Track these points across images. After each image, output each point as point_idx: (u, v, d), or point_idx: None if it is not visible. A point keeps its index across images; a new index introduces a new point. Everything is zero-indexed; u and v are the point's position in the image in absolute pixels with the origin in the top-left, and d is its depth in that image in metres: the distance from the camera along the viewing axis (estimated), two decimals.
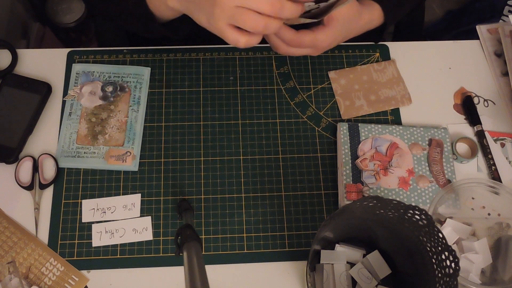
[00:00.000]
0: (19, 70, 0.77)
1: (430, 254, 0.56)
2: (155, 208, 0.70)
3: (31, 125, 0.73)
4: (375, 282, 0.63)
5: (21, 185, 0.70)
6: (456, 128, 0.76)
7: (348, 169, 0.70)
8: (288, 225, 0.70)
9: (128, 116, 0.74)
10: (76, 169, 0.72)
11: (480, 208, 0.70)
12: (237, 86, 0.78)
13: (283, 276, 0.67)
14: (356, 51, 0.81)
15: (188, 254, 0.49)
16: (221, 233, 0.69)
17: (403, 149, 0.72)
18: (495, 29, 0.83)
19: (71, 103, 0.75)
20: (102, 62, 0.78)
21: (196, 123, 0.75)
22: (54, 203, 0.70)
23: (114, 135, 0.73)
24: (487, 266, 0.65)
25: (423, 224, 0.55)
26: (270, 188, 0.72)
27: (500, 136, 0.76)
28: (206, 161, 0.73)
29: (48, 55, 0.78)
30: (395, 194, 0.69)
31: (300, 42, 0.61)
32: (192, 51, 0.80)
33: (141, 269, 0.67)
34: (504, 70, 0.80)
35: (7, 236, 0.67)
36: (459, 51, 0.82)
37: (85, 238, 0.68)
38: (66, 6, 1.30)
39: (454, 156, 0.73)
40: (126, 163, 0.71)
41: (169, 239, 0.68)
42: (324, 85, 0.79)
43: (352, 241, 0.66)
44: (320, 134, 0.75)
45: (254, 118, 0.76)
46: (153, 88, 0.77)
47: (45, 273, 0.66)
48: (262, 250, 0.68)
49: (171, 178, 0.72)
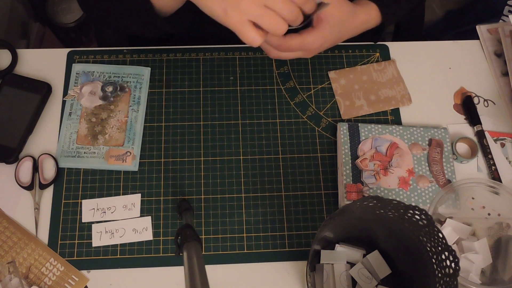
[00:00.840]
0: (19, 70, 0.77)
1: (430, 254, 0.56)
2: (155, 208, 0.70)
3: (31, 125, 0.73)
4: (375, 282, 0.63)
5: (21, 185, 0.70)
6: (456, 128, 0.76)
7: (348, 169, 0.70)
8: (288, 225, 0.70)
9: (128, 116, 0.74)
10: (76, 169, 0.72)
11: (480, 208, 0.70)
12: (237, 86, 0.78)
13: (283, 276, 0.67)
14: (356, 51, 0.81)
15: (188, 254, 0.49)
16: (221, 233, 0.69)
17: (403, 149, 0.72)
18: (495, 29, 0.83)
19: (71, 103, 0.75)
20: (102, 62, 0.78)
21: (196, 123, 0.75)
22: (54, 203, 0.70)
23: (114, 135, 0.73)
24: (487, 266, 0.65)
25: (423, 224, 0.55)
26: (270, 188, 0.72)
27: (500, 136, 0.76)
28: (206, 161, 0.73)
29: (48, 55, 0.78)
30: (395, 194, 0.69)
31: (288, 46, 0.61)
32: (192, 51, 0.80)
33: (141, 269, 0.67)
34: (504, 70, 0.80)
35: (7, 236, 0.67)
36: (459, 51, 0.82)
37: (85, 238, 0.68)
38: (66, 6, 1.30)
39: (454, 156, 0.73)
40: (126, 163, 0.71)
41: (169, 239, 0.68)
42: (324, 85, 0.79)
43: (352, 241, 0.66)
44: (320, 134, 0.75)
45: (254, 118, 0.76)
46: (153, 88, 0.77)
47: (45, 273, 0.66)
48: (262, 250, 0.68)
49: (171, 178, 0.72)
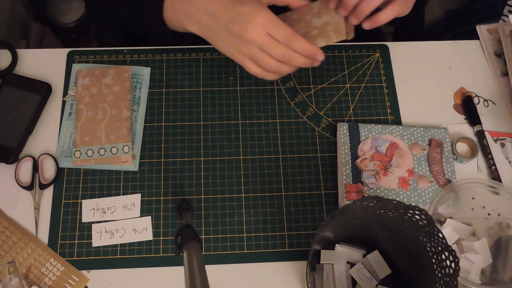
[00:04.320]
0: (19, 70, 0.77)
1: (430, 254, 0.56)
2: (155, 208, 0.70)
3: (31, 125, 0.73)
4: (375, 282, 0.63)
5: (21, 185, 0.70)
6: (456, 128, 0.76)
7: (348, 169, 0.70)
8: (288, 225, 0.70)
9: None
10: (76, 169, 0.72)
11: (480, 208, 0.70)
12: (237, 86, 0.78)
13: (283, 276, 0.67)
14: (356, 51, 0.81)
15: (188, 254, 0.49)
16: (221, 233, 0.69)
17: (403, 149, 0.72)
18: (495, 29, 0.83)
19: (71, 103, 0.75)
20: (102, 62, 0.78)
21: (196, 123, 0.75)
22: (54, 203, 0.70)
23: None
24: (487, 266, 0.65)
25: (423, 224, 0.55)
26: (270, 188, 0.72)
27: (500, 136, 0.76)
28: (206, 161, 0.73)
29: (48, 55, 0.78)
30: (395, 194, 0.69)
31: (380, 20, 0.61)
32: (192, 51, 0.80)
33: (141, 269, 0.67)
34: (504, 70, 0.80)
35: (7, 236, 0.67)
36: (459, 51, 0.82)
37: (85, 238, 0.68)
38: (66, 6, 1.30)
39: (454, 156, 0.73)
40: (126, 163, 0.71)
41: (169, 239, 0.68)
42: (324, 85, 0.79)
43: (352, 241, 0.66)
44: (320, 134, 0.75)
45: (254, 118, 0.76)
46: (153, 88, 0.77)
47: (45, 273, 0.66)
48: (262, 250, 0.68)
49: (171, 178, 0.72)
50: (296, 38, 0.58)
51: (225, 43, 0.61)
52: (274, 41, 0.57)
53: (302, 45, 0.58)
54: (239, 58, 0.61)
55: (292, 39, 0.57)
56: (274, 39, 0.57)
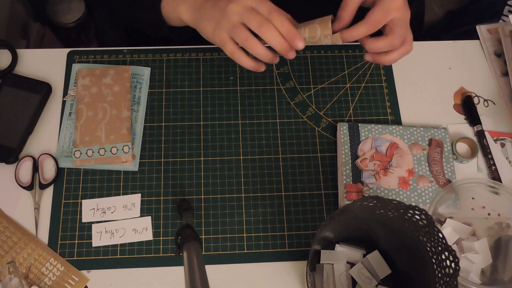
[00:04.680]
0: (19, 70, 0.77)
1: (430, 254, 0.56)
2: (155, 208, 0.70)
3: (31, 125, 0.73)
4: (375, 282, 0.63)
5: (21, 185, 0.70)
6: (456, 128, 0.76)
7: (348, 169, 0.70)
8: (288, 225, 0.70)
9: None
10: (76, 169, 0.72)
11: (480, 208, 0.70)
12: (237, 86, 0.78)
13: (283, 276, 0.67)
14: (356, 51, 0.81)
15: (188, 254, 0.49)
16: (221, 233, 0.69)
17: (403, 149, 0.72)
18: (495, 29, 0.83)
19: (71, 103, 0.75)
20: (102, 62, 0.78)
21: (196, 123, 0.75)
22: (54, 203, 0.70)
23: None
24: (487, 266, 0.65)
25: (423, 224, 0.55)
26: (270, 188, 0.72)
27: (500, 136, 0.76)
28: (206, 161, 0.73)
29: (48, 55, 0.78)
30: (395, 194, 0.69)
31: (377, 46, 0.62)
32: (192, 51, 0.80)
33: (141, 269, 0.67)
34: (504, 70, 0.80)
35: (7, 236, 0.67)
36: (459, 51, 0.82)
37: (85, 238, 0.68)
38: (66, 6, 1.30)
39: (454, 156, 0.73)
40: (126, 163, 0.71)
41: (169, 239, 0.68)
42: (324, 85, 0.79)
43: (352, 241, 0.66)
44: (320, 134, 0.75)
45: (254, 118, 0.76)
46: (153, 88, 0.77)
47: (45, 273, 0.66)
48: (262, 250, 0.68)
49: (171, 178, 0.72)
50: (280, 13, 0.56)
51: (210, 21, 0.60)
52: (254, 11, 0.56)
53: (283, 22, 0.55)
54: (220, 36, 0.59)
55: (275, 13, 0.55)
56: (255, 10, 0.56)
